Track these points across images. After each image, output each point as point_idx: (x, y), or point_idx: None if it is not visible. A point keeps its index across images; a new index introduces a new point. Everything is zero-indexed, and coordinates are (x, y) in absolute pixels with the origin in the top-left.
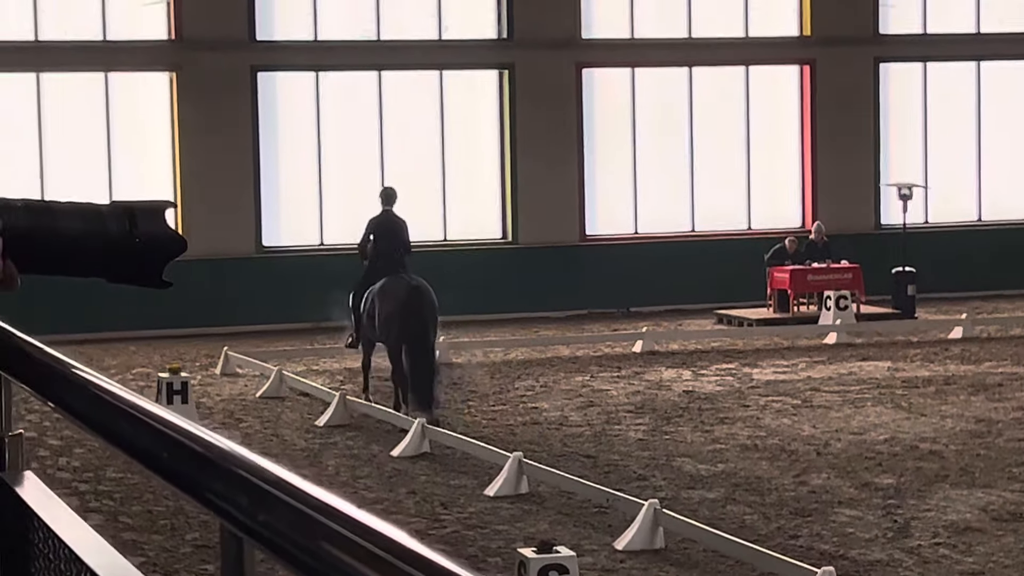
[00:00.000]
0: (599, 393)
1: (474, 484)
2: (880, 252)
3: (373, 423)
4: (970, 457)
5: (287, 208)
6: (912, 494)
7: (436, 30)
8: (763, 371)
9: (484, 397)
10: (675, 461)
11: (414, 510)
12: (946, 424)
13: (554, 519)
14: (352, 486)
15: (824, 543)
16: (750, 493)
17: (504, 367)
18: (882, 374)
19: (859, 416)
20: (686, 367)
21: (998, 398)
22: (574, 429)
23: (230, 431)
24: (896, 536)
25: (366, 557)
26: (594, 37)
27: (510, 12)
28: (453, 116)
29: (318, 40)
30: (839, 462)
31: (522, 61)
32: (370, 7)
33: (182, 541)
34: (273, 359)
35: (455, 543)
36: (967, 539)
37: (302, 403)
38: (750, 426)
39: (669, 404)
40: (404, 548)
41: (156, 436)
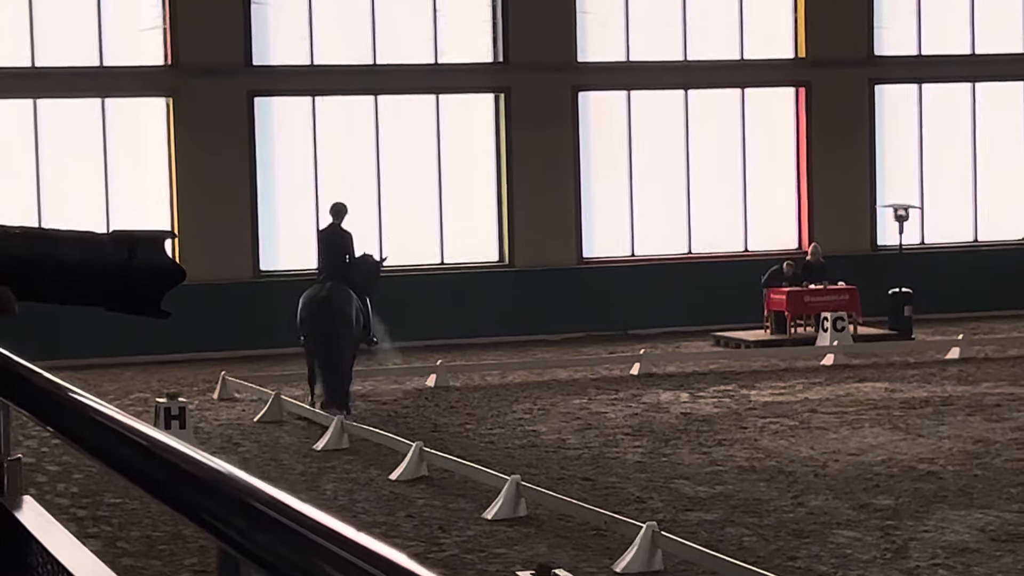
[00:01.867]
0: (597, 415)
1: (472, 507)
2: (877, 273)
3: (371, 447)
4: (968, 478)
5: (284, 232)
6: (910, 515)
7: (432, 54)
8: (761, 393)
9: (482, 420)
10: (673, 483)
11: (412, 534)
12: (944, 445)
13: (552, 542)
14: (350, 510)
15: (822, 564)
16: (748, 515)
17: (502, 390)
18: (879, 395)
19: (857, 437)
20: (684, 389)
21: (996, 418)
22: (572, 452)
23: (228, 456)
24: (894, 557)
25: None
26: (590, 60)
27: (506, 36)
28: (449, 140)
29: (314, 65)
30: (837, 483)
31: (518, 85)
32: (366, 32)
33: (181, 566)
34: (271, 383)
35: (454, 567)
36: (965, 560)
37: (300, 427)
38: (748, 448)
39: (667, 426)
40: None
41: (153, 459)
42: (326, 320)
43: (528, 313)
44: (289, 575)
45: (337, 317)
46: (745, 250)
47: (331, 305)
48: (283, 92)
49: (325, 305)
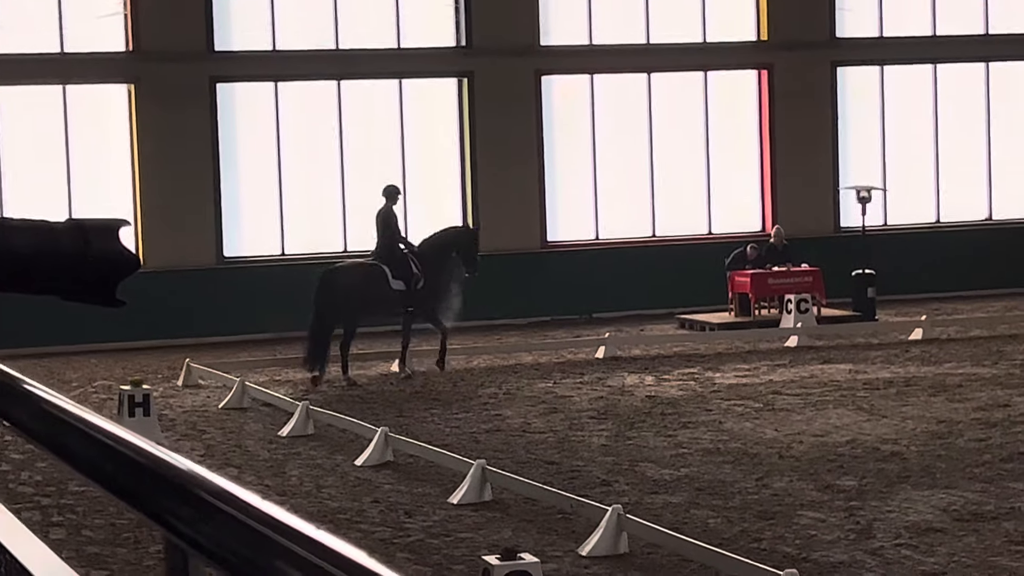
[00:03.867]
0: (562, 399)
1: (438, 492)
2: (840, 255)
3: (336, 433)
4: (931, 458)
5: (248, 218)
6: (874, 495)
7: (395, 39)
8: (725, 375)
9: (447, 405)
10: (638, 466)
11: (378, 519)
12: (907, 425)
13: (518, 526)
14: (316, 496)
15: (787, 545)
16: (713, 497)
17: (467, 374)
18: (843, 376)
19: (821, 419)
20: (648, 372)
21: (958, 399)
22: (537, 436)
23: (192, 443)
24: (858, 538)
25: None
26: (552, 44)
27: (468, 20)
28: (413, 125)
29: (277, 50)
30: (801, 465)
31: (481, 69)
32: (328, 17)
33: (145, 554)
34: (235, 370)
35: (419, 551)
36: (929, 539)
37: (265, 414)
38: (713, 430)
39: (632, 409)
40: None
41: (100, 448)
42: (323, 292)
43: (493, 297)
44: (235, 565)
45: (338, 289)
46: (709, 233)
47: (334, 278)
48: (245, 78)
49: (329, 278)
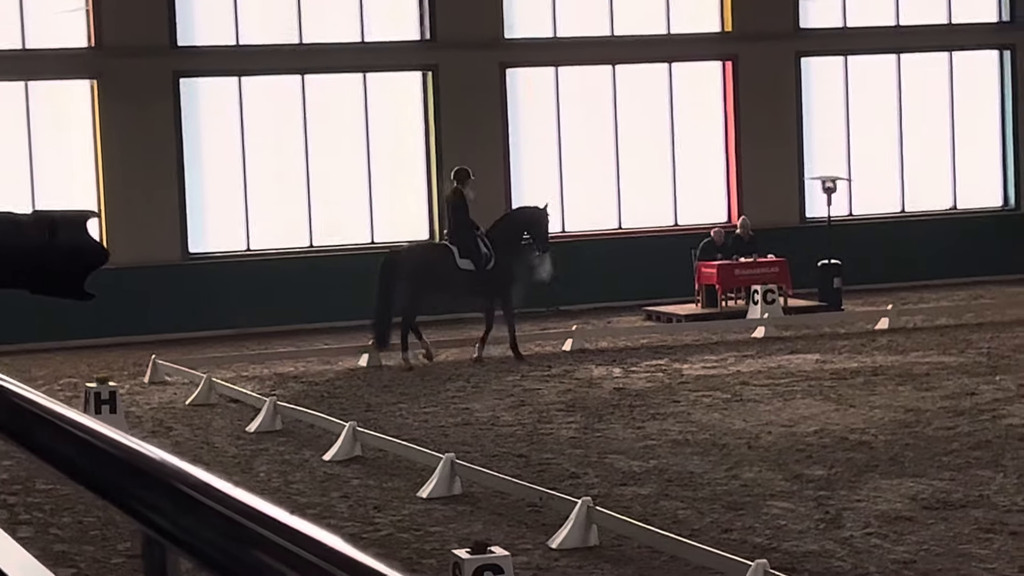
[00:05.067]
0: (530, 392)
1: (407, 486)
2: (806, 245)
3: (304, 428)
4: (899, 447)
5: (213, 214)
6: (843, 485)
7: (359, 32)
8: (693, 366)
9: (415, 399)
10: (607, 458)
11: (347, 514)
12: (875, 415)
13: (488, 519)
14: (284, 491)
15: (757, 536)
16: (682, 488)
17: (435, 368)
18: (810, 366)
19: (789, 409)
20: (616, 364)
21: (925, 388)
22: (506, 429)
23: (160, 440)
24: (828, 527)
25: (293, 560)
26: (517, 37)
27: (432, 13)
28: (378, 118)
29: (240, 45)
30: (770, 455)
31: (446, 62)
32: (292, 11)
33: (113, 551)
34: (202, 366)
35: (389, 546)
36: (898, 528)
37: (232, 410)
38: (681, 421)
39: (600, 401)
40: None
41: (74, 443)
42: (386, 272)
43: None
44: (213, 557)
45: (400, 268)
46: (675, 224)
47: (396, 259)
48: (209, 73)
49: (391, 258)
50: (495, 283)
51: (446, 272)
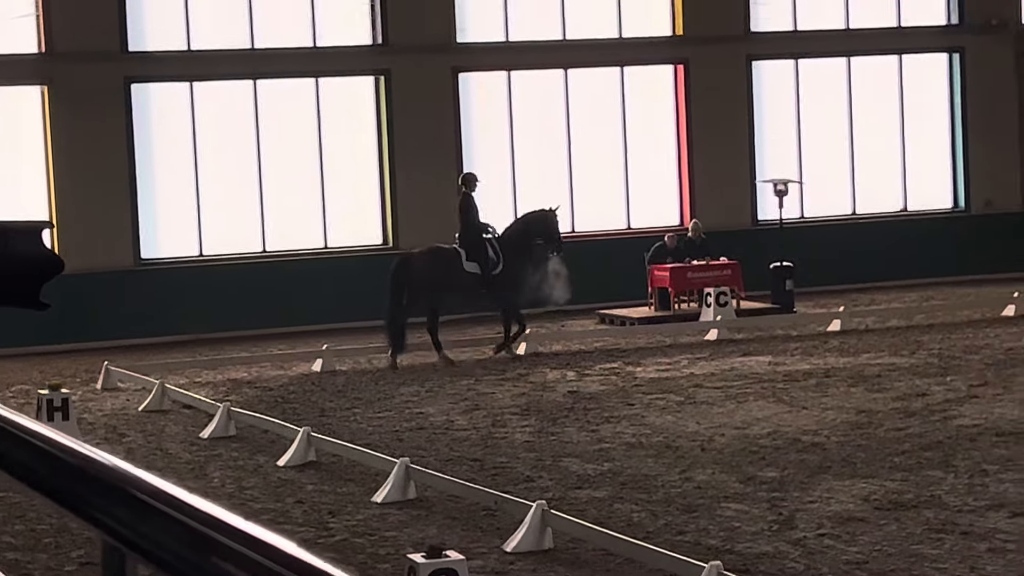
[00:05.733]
0: (484, 396)
1: (362, 491)
2: (758, 248)
3: (258, 434)
4: (851, 448)
5: (165, 220)
6: (796, 486)
7: (311, 37)
8: (646, 369)
9: (369, 403)
10: (562, 461)
11: (302, 519)
12: (827, 416)
13: (443, 523)
14: (239, 497)
15: (711, 538)
16: (637, 491)
17: (388, 373)
18: (763, 369)
19: (742, 411)
20: (570, 368)
21: (877, 389)
22: (460, 433)
23: (113, 446)
24: (781, 528)
25: (248, 565)
26: (469, 41)
27: (384, 18)
28: (331, 123)
29: (191, 50)
30: (723, 457)
31: (398, 67)
32: (243, 15)
33: (67, 559)
34: (155, 372)
35: (344, 551)
36: (851, 529)
37: (186, 416)
38: (635, 424)
39: (554, 405)
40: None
41: (32, 451)
42: (395, 276)
43: None
44: (172, 563)
45: (412, 271)
46: (628, 228)
47: (408, 262)
48: (160, 78)
49: (403, 262)
50: (501, 286)
51: (453, 275)
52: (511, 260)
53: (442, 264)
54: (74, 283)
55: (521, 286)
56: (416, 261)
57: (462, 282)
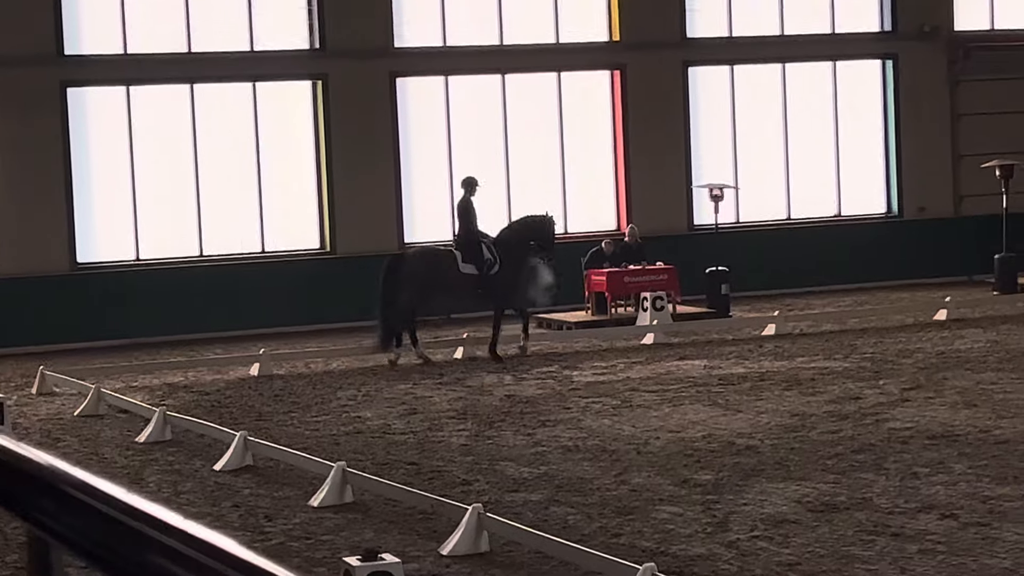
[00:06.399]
0: (421, 400)
1: (298, 495)
2: (694, 253)
3: (194, 438)
4: (785, 451)
5: (101, 224)
6: (730, 489)
7: (248, 41)
8: (583, 373)
9: (306, 408)
10: (498, 465)
11: (238, 523)
12: (761, 419)
13: (379, 527)
14: (175, 501)
15: (646, 540)
16: (572, 494)
17: (326, 377)
18: (699, 372)
19: (677, 414)
20: (507, 371)
21: (811, 392)
22: (397, 437)
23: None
24: (715, 531)
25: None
26: (406, 46)
27: (322, 22)
28: (268, 128)
29: (128, 54)
30: (659, 460)
31: (335, 71)
32: (180, 19)
33: (2, 563)
34: (91, 377)
35: (280, 555)
36: (784, 531)
37: (122, 420)
38: (571, 428)
39: (491, 409)
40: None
41: None
42: (388, 275)
43: (351, 300)
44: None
45: (404, 271)
46: (565, 232)
47: (399, 263)
48: (97, 82)
49: (395, 261)
50: (496, 288)
51: (448, 275)
52: (507, 262)
53: (436, 263)
54: (9, 287)
55: (517, 288)
56: (410, 260)
57: (456, 282)
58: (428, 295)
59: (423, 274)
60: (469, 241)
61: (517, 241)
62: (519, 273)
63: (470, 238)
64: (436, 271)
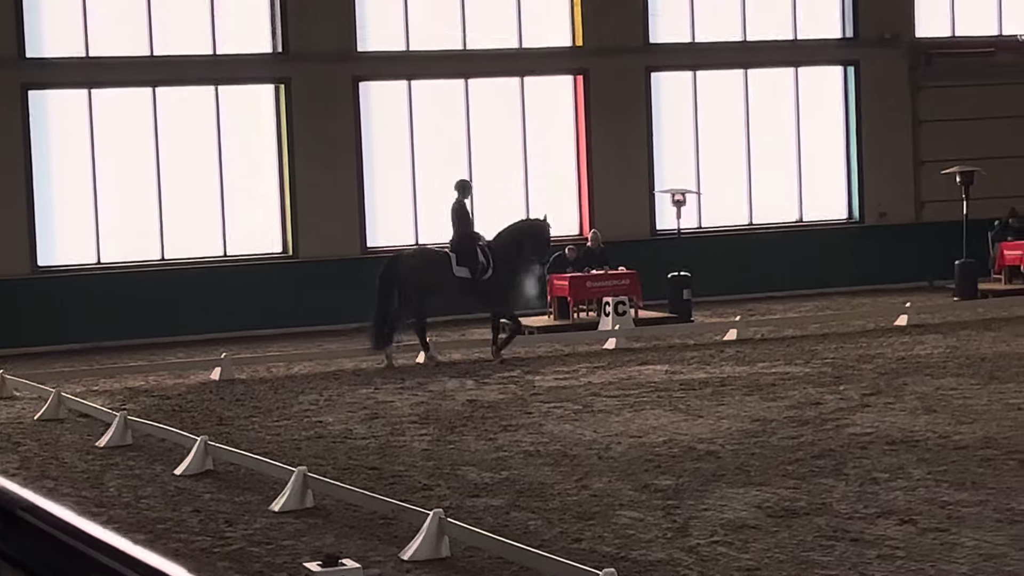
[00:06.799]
0: (383, 405)
1: (259, 500)
2: (656, 257)
3: (155, 442)
4: (746, 456)
5: (63, 227)
6: (690, 494)
7: (211, 45)
8: (545, 378)
9: (268, 412)
10: (459, 470)
11: (199, 528)
12: (722, 425)
13: (340, 532)
14: (135, 507)
15: (606, 545)
16: (533, 499)
17: (288, 381)
18: (660, 377)
19: (639, 419)
20: (469, 376)
21: (772, 397)
22: (359, 442)
23: (7, 455)
24: (675, 536)
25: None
26: (370, 50)
27: (285, 26)
28: (230, 131)
29: (90, 57)
30: (620, 465)
31: (298, 75)
32: (142, 22)
33: None
34: (51, 381)
35: (241, 560)
36: (744, 536)
37: (82, 424)
38: (533, 433)
39: (453, 414)
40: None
41: None
42: (383, 277)
43: (313, 304)
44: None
45: (402, 271)
46: None
47: (396, 263)
48: (58, 85)
49: (392, 263)
50: (490, 291)
51: (442, 278)
52: (501, 266)
53: (431, 265)
54: None
55: (510, 291)
56: (407, 262)
57: (450, 285)
58: (422, 296)
59: (417, 275)
60: (463, 244)
61: (511, 246)
62: (512, 278)
63: (464, 241)
64: (430, 273)
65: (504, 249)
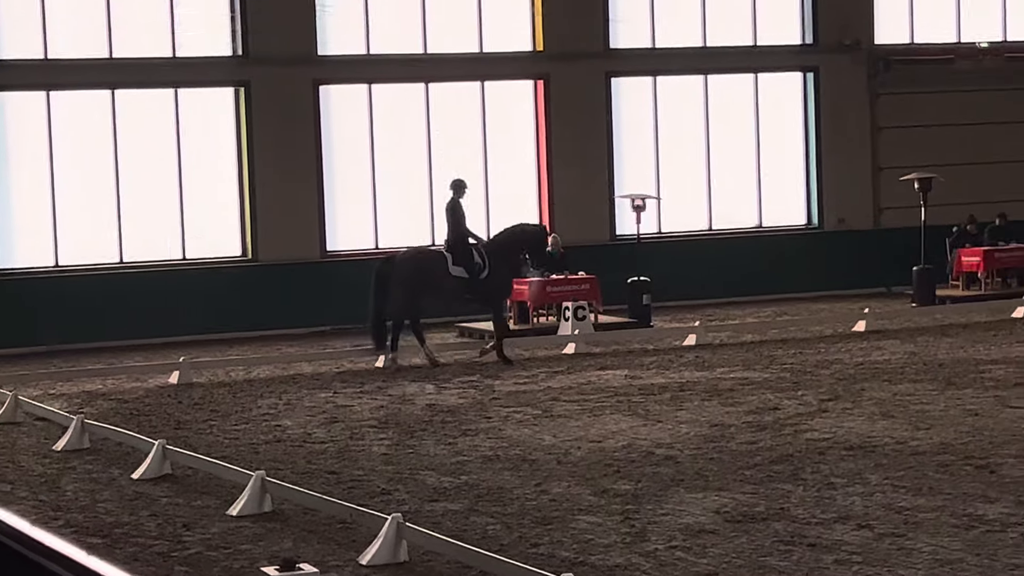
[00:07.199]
0: (342, 409)
1: (217, 504)
2: (615, 263)
3: (112, 446)
4: (704, 461)
5: (20, 230)
6: (649, 499)
7: (170, 48)
8: (504, 383)
9: (226, 416)
10: (419, 474)
11: (156, 532)
12: (681, 430)
13: (298, 536)
14: (92, 511)
15: (565, 550)
16: (492, 503)
17: (246, 385)
18: (619, 382)
19: (598, 424)
20: (429, 381)
21: (731, 403)
22: (318, 446)
23: None
24: (634, 541)
25: None
26: (330, 54)
27: (245, 29)
28: (190, 134)
29: (49, 59)
30: (579, 470)
31: (258, 78)
32: (101, 24)
33: None
34: (8, 384)
35: (198, 565)
36: (702, 541)
37: (39, 428)
38: (492, 437)
39: (412, 418)
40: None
41: None
42: (378, 277)
43: (272, 308)
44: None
45: (397, 273)
46: None
47: (392, 265)
48: (16, 86)
49: (387, 265)
50: (486, 292)
51: (438, 278)
52: (497, 267)
53: (427, 265)
54: None
55: (505, 292)
56: (403, 262)
57: (446, 284)
58: (418, 296)
59: (412, 276)
60: (460, 245)
61: (508, 247)
62: (508, 279)
63: (461, 241)
64: (426, 273)
65: (500, 251)
